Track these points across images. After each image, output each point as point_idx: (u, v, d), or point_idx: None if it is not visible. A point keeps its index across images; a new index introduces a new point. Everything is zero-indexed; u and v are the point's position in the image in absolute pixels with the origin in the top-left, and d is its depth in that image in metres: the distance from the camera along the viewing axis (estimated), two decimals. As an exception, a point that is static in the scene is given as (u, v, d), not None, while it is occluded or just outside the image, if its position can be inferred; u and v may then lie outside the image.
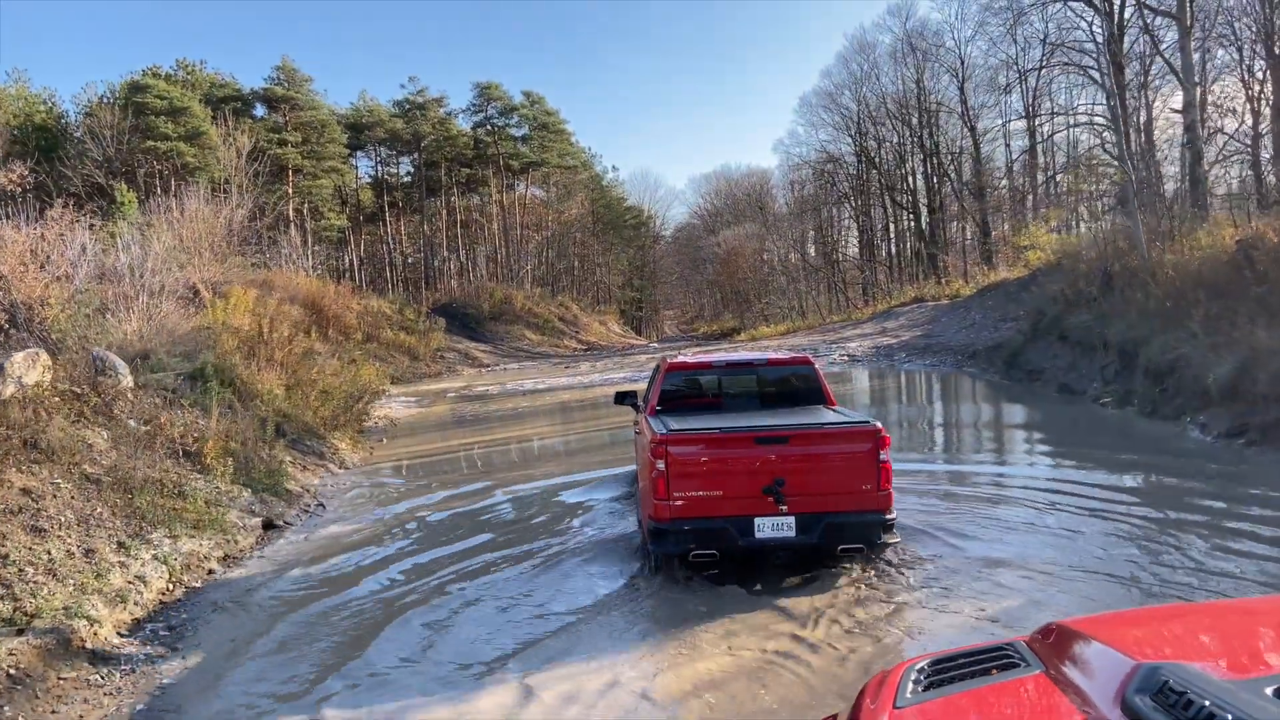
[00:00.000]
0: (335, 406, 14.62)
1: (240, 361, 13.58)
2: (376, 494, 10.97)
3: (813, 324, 48.48)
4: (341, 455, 13.44)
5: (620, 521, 8.67)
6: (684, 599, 6.38)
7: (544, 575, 7.15)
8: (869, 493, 6.37)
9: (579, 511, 9.32)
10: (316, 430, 13.61)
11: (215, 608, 6.75)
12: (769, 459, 6.35)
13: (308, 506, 10.10)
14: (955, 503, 8.79)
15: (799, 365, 8.37)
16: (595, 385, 25.07)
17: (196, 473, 9.20)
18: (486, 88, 60.12)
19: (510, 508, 9.81)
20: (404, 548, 8.32)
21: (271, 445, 11.19)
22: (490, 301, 48.28)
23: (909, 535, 7.51)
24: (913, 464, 10.72)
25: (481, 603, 6.58)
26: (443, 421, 18.80)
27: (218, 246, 33.59)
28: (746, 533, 6.30)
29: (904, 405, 17.19)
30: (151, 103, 43.25)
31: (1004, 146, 51.81)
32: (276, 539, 8.75)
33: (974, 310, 28.26)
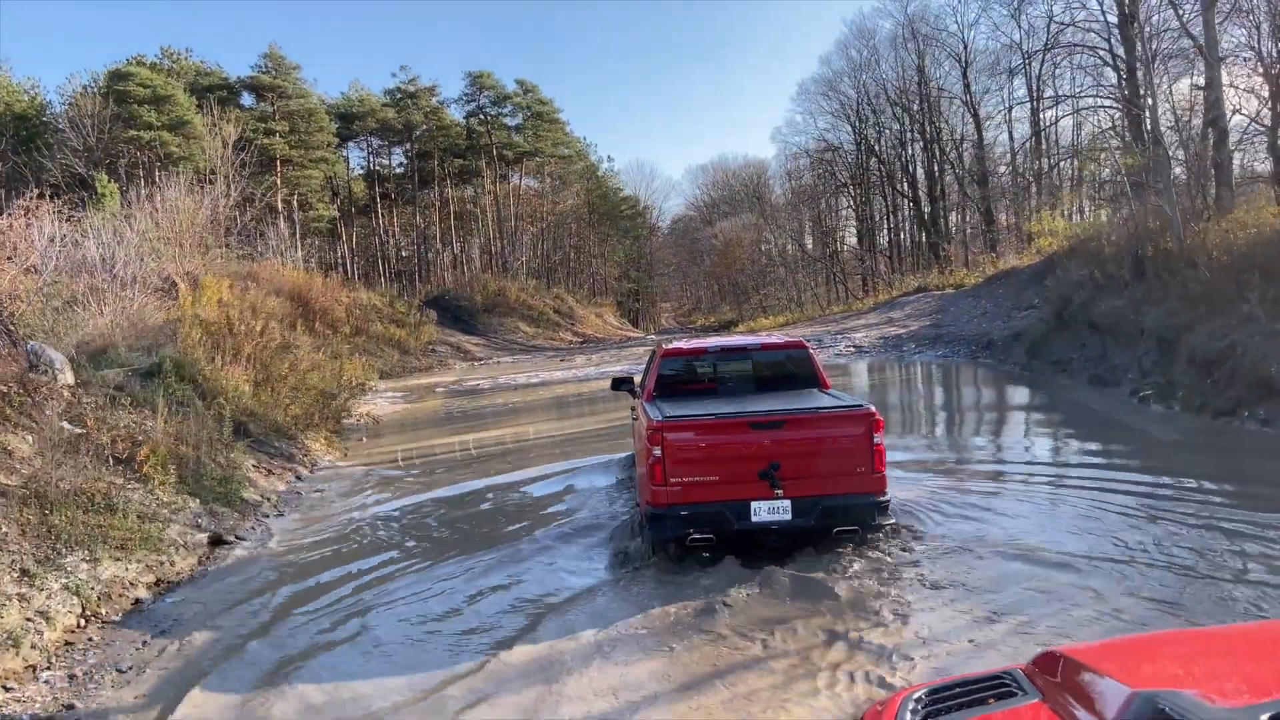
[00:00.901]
0: (308, 404, 13.51)
1: (203, 356, 12.45)
2: (345, 501, 9.85)
3: (812, 315, 47.42)
4: (314, 457, 12.34)
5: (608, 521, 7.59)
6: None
7: (542, 624, 5.80)
8: (863, 475, 6.41)
9: (569, 528, 8.20)
10: (286, 430, 12.50)
11: (134, 649, 5.65)
12: (764, 444, 6.38)
13: (266, 516, 8.99)
14: (993, 513, 7.69)
15: (793, 349, 8.41)
16: (591, 379, 23.98)
17: (136, 482, 8.09)
18: (479, 76, 58.86)
19: (492, 516, 8.71)
20: (363, 568, 7.22)
21: (229, 448, 10.07)
22: (483, 293, 47.10)
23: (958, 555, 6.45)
24: (943, 470, 9.62)
25: (437, 638, 5.49)
26: (428, 419, 17.69)
27: (200, 238, 32.44)
28: (743, 517, 6.34)
29: (924, 400, 16.04)
30: (134, 91, 41.98)
31: (1007, 134, 50.74)
32: (224, 557, 7.65)
33: (984, 299, 27.20)
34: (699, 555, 6.63)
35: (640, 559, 6.82)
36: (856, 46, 55.10)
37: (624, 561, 6.87)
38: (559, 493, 9.56)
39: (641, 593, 6.21)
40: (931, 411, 14.74)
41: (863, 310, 38.58)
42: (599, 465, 10.78)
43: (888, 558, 6.54)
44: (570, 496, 9.35)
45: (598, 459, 11.14)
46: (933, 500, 8.09)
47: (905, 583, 6.02)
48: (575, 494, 9.45)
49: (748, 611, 5.66)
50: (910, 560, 6.47)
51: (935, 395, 17.02)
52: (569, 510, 8.73)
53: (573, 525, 8.13)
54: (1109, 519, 7.18)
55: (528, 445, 13.42)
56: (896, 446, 10.98)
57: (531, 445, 13.40)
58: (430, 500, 9.69)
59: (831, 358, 23.32)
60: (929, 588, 5.88)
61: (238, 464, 10.17)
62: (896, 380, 19.30)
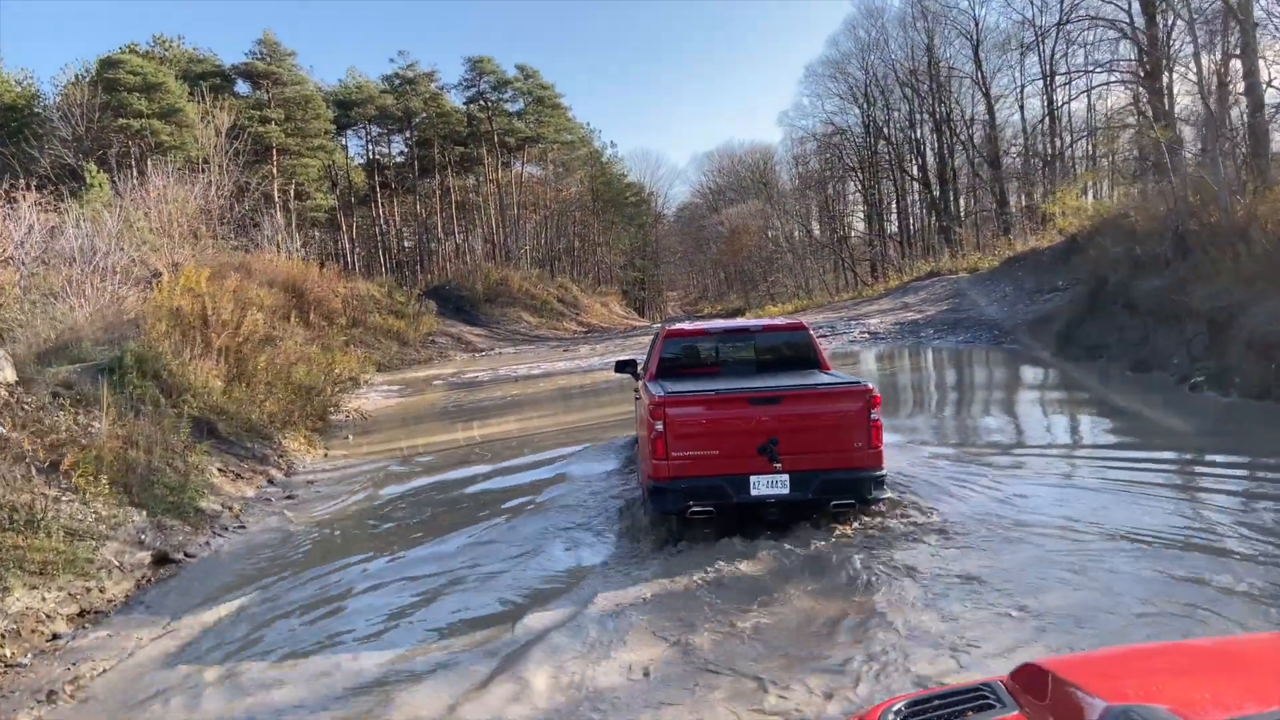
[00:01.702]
0: (286, 400, 12.53)
1: (169, 349, 11.47)
2: (315, 509, 8.87)
3: (821, 302, 46.34)
4: (290, 458, 11.36)
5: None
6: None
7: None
8: (861, 450, 6.52)
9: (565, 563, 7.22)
10: (261, 429, 11.53)
11: (35, 701, 4.68)
12: (763, 419, 6.52)
13: (224, 529, 8.01)
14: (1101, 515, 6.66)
15: (794, 331, 8.56)
16: (595, 369, 22.97)
17: (71, 493, 7.12)
18: (479, 62, 57.69)
19: (476, 535, 7.71)
20: (325, 593, 6.24)
21: (187, 451, 9.09)
22: (485, 283, 46.05)
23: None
24: (985, 472, 8.58)
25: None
26: (421, 414, 16.71)
27: (191, 227, 31.53)
28: (742, 490, 6.49)
29: (955, 388, 14.91)
30: (124, 79, 40.94)
31: (1019, 114, 49.38)
32: (167, 579, 6.68)
33: (1003, 282, 26.08)
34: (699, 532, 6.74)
35: (642, 534, 6.98)
36: (865, 26, 53.79)
37: (631, 537, 7.00)
38: (549, 498, 8.56)
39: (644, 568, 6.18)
40: (965, 400, 13.62)
41: (874, 296, 37.48)
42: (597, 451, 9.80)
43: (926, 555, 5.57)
44: (564, 484, 8.40)
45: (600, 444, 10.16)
46: (999, 505, 7.05)
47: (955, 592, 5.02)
48: (569, 482, 8.50)
49: (746, 585, 5.68)
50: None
51: (965, 383, 15.87)
52: (567, 509, 7.75)
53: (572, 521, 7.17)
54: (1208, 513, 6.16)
55: (525, 441, 12.42)
56: (936, 439, 9.96)
57: (528, 441, 12.40)
58: (409, 508, 8.71)
59: (845, 345, 22.27)
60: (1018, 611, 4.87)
61: (200, 468, 9.20)
62: (919, 367, 18.22)
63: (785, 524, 6.71)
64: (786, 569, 5.94)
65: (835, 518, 6.76)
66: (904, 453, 9.09)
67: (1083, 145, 45.69)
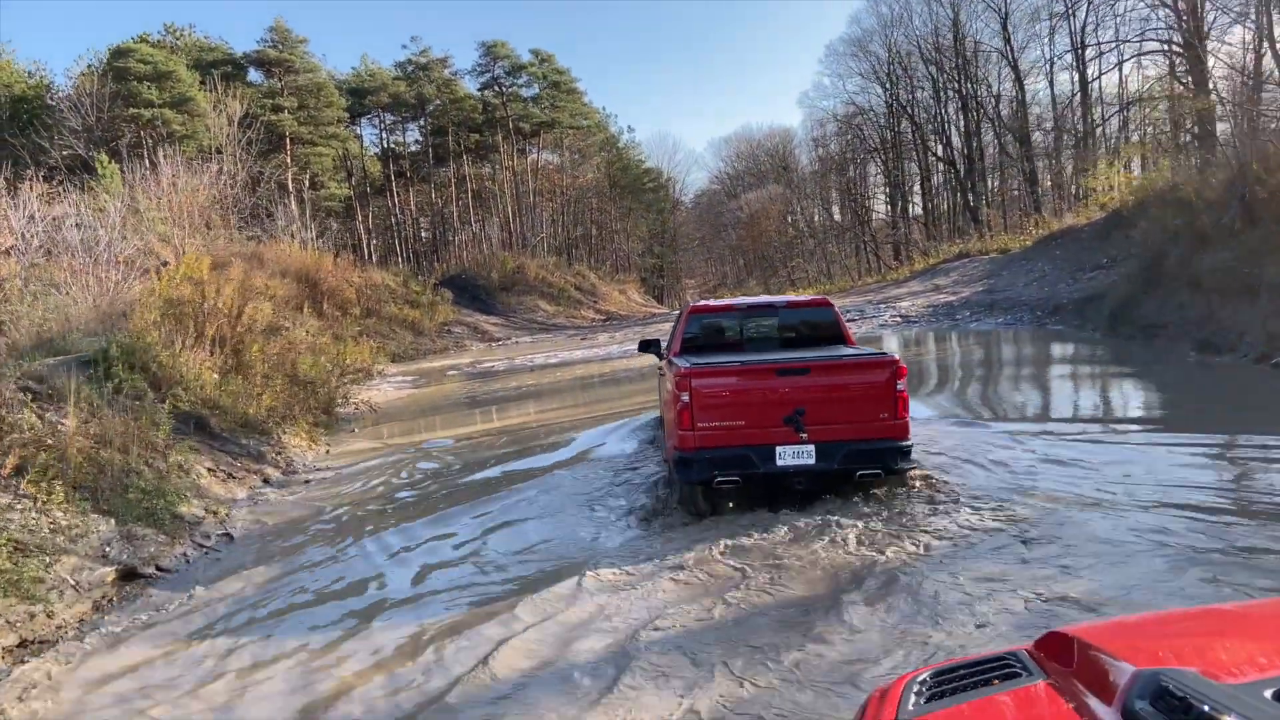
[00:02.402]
0: (284, 393, 11.73)
1: (159, 340, 10.69)
2: (312, 516, 8.05)
3: (844, 286, 45.26)
4: (289, 455, 10.56)
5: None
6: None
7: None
8: (886, 421, 6.50)
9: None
10: (258, 424, 10.74)
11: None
12: (789, 390, 6.51)
13: (205, 538, 7.21)
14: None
15: (818, 307, 8.59)
16: (613, 358, 22.11)
17: (28, 500, 6.33)
18: (492, 46, 56.76)
19: (481, 544, 6.86)
20: (307, 622, 5.41)
21: (168, 450, 8.29)
22: (501, 271, 45.22)
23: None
24: (1071, 452, 7.64)
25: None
26: (431, 405, 15.89)
27: (203, 216, 30.96)
28: (768, 460, 6.47)
29: (1006, 373, 13.73)
30: (134, 68, 40.38)
31: (1048, 89, 47.86)
32: (133, 598, 5.88)
33: (1039, 261, 24.95)
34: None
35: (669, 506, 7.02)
36: (888, 1, 52.26)
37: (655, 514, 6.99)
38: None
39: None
40: (1016, 385, 12.52)
41: (901, 279, 36.36)
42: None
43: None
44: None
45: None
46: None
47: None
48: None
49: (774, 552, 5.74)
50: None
51: (1017, 367, 14.66)
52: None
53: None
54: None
55: (537, 433, 11.57)
56: (1002, 418, 9.00)
57: (541, 434, 11.55)
58: (403, 514, 7.87)
59: (876, 329, 21.27)
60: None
61: (186, 468, 8.40)
62: (962, 350, 17.11)
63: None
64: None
65: (862, 488, 6.76)
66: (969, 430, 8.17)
67: (1115, 121, 44.30)
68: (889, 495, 6.76)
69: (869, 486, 6.78)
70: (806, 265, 63.23)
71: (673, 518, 6.83)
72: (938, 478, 7.16)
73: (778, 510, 6.58)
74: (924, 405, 10.65)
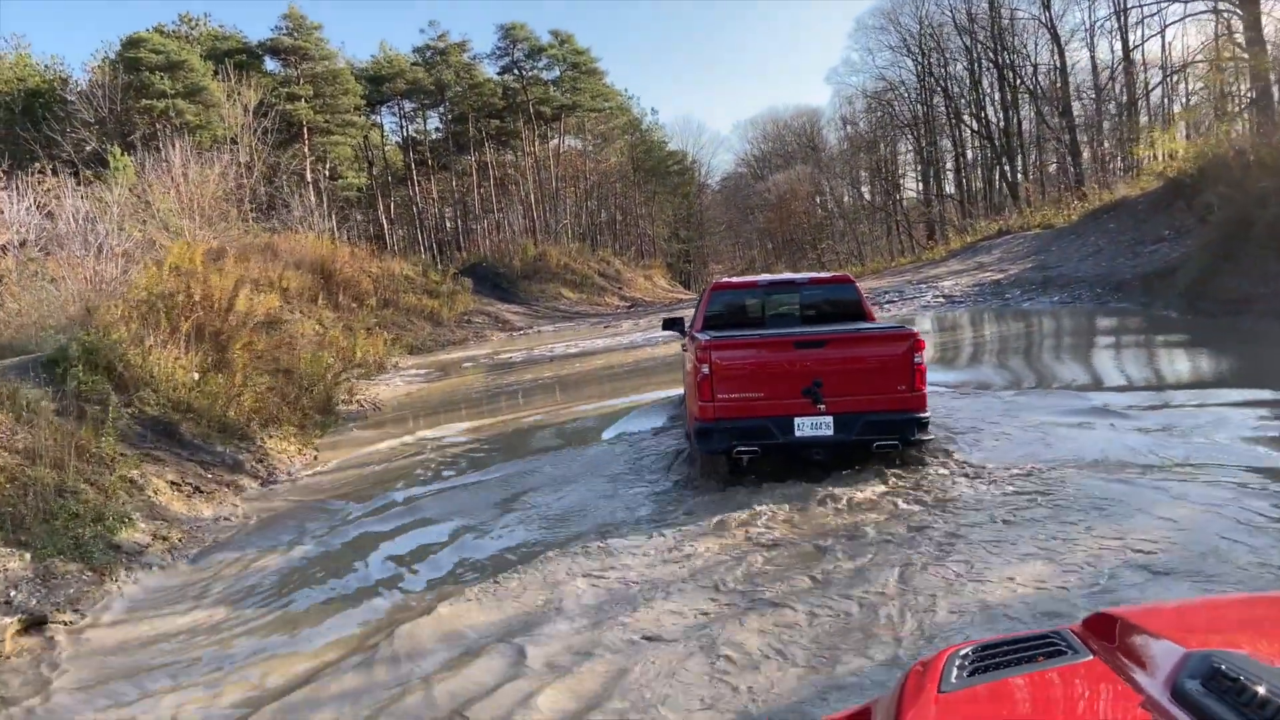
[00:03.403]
0: (271, 393, 10.62)
1: (129, 337, 9.61)
2: (284, 539, 6.91)
3: (877, 268, 43.61)
4: (271, 462, 9.45)
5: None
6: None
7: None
8: (904, 393, 6.55)
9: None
10: (238, 427, 9.63)
11: None
12: (807, 362, 6.58)
13: (147, 568, 6.08)
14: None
15: (840, 284, 8.62)
16: (637, 346, 20.87)
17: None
18: (511, 29, 55.46)
19: (474, 572, 5.67)
20: (256, 693, 4.24)
21: (113, 463, 7.18)
22: (523, 259, 44.09)
23: None
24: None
25: None
26: (440, 402, 14.74)
27: (214, 208, 30.15)
28: (786, 431, 6.55)
29: (1086, 359, 12.11)
30: (146, 58, 39.64)
31: (1089, 57, 45.68)
32: (35, 655, 4.74)
33: (1091, 236, 23.32)
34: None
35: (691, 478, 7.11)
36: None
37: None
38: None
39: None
40: (1095, 373, 11.04)
41: (938, 259, 34.75)
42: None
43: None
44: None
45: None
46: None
47: None
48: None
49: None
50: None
51: (1093, 352, 12.80)
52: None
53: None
54: None
55: (553, 432, 10.37)
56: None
57: (557, 432, 10.35)
58: (390, 536, 6.71)
59: (918, 310, 19.83)
60: None
61: (141, 484, 7.30)
62: (1023, 333, 15.56)
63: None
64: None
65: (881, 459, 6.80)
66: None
67: (1159, 90, 42.24)
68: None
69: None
70: (837, 247, 61.60)
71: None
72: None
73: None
74: (1036, 404, 8.93)
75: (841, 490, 6.31)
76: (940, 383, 10.32)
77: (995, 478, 6.28)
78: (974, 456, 6.94)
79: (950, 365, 12.36)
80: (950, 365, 12.36)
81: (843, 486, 6.40)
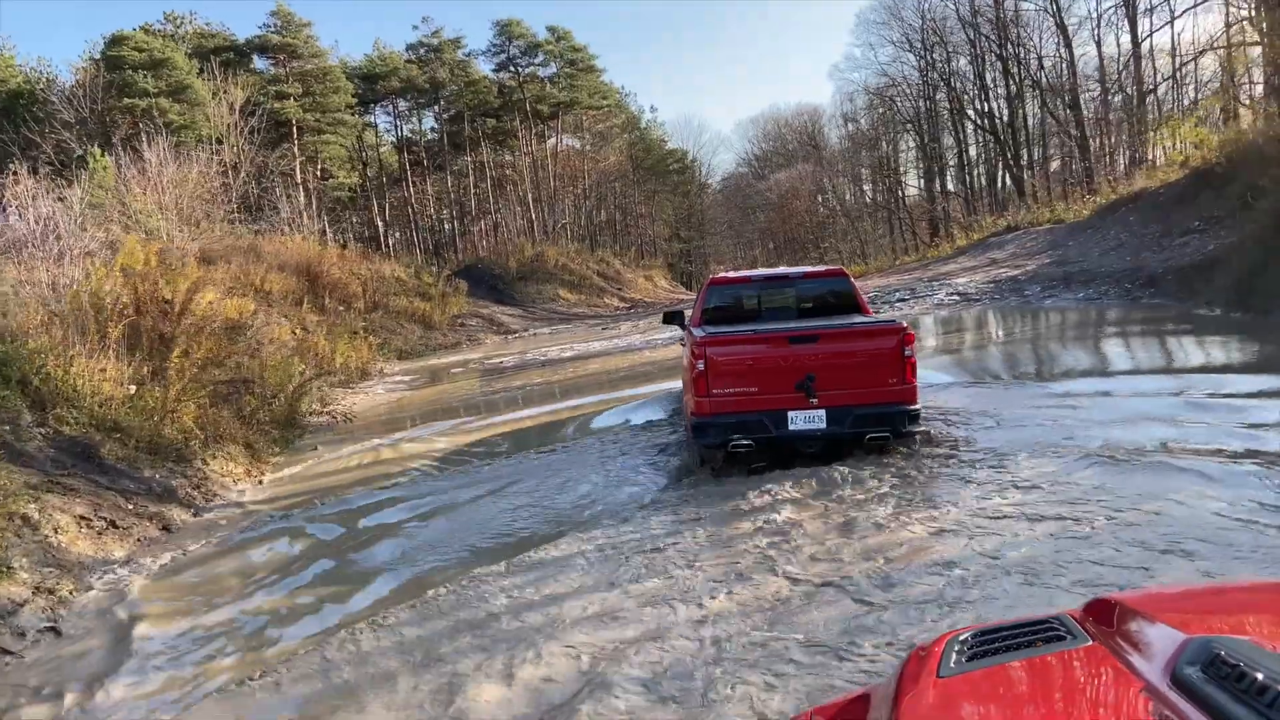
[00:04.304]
0: (209, 407, 9.45)
1: (51, 346, 8.46)
2: (200, 589, 5.76)
3: (881, 266, 42.50)
4: (210, 487, 8.29)
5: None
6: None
7: None
8: (895, 386, 6.66)
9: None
10: (173, 447, 8.47)
11: None
12: (801, 357, 6.72)
13: (20, 636, 4.92)
14: None
15: (835, 278, 8.83)
16: (636, 349, 19.75)
17: None
18: (507, 25, 54.39)
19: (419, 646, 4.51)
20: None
21: (11, 499, 6.02)
22: (519, 259, 42.90)
23: None
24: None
25: None
26: (421, 412, 13.57)
27: (192, 207, 29.07)
28: (781, 424, 6.69)
29: (1130, 366, 10.82)
30: (129, 56, 38.54)
31: (1095, 49, 44.46)
32: None
33: (1109, 230, 22.16)
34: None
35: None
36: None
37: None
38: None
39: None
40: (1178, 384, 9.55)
41: (945, 256, 33.64)
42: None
43: None
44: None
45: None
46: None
47: None
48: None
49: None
50: None
51: (1155, 356, 11.15)
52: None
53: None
54: None
55: (523, 465, 9.22)
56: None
57: (543, 450, 9.19)
58: (311, 610, 5.55)
59: (933, 309, 18.68)
60: None
61: (35, 522, 6.15)
62: (1054, 333, 14.35)
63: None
64: None
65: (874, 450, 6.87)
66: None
67: (1169, 82, 41.07)
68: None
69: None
70: (839, 245, 60.51)
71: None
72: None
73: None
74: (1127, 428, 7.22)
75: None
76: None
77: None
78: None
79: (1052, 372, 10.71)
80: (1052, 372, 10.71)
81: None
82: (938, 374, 10.51)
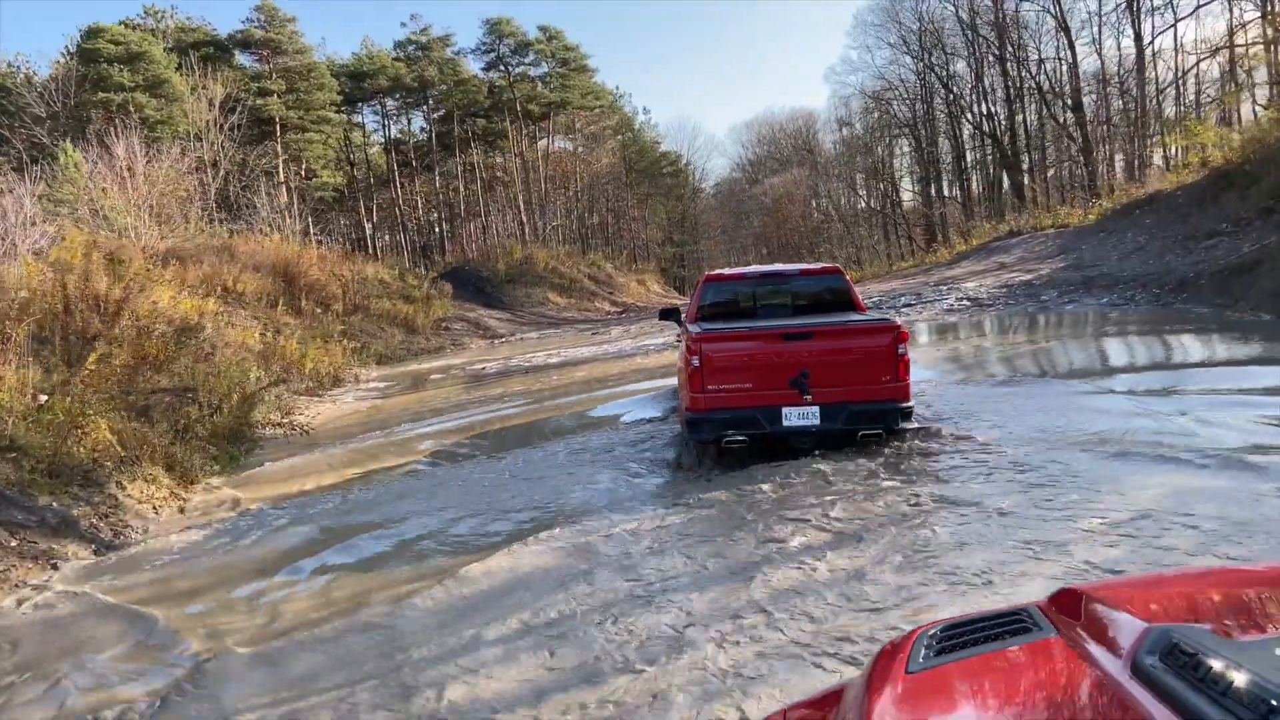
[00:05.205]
0: (130, 421, 8.21)
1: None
2: (73, 651, 4.54)
3: (878, 272, 41.52)
4: (123, 516, 7.05)
5: None
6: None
7: None
8: (888, 383, 6.72)
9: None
10: (80, 469, 7.24)
11: None
12: (794, 354, 6.79)
13: None
14: None
15: (829, 275, 8.82)
16: (626, 355, 18.58)
17: None
18: (497, 23, 53.23)
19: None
20: None
21: None
22: (507, 261, 41.63)
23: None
24: None
25: None
26: (387, 424, 12.31)
27: (166, 205, 27.85)
28: (775, 421, 6.74)
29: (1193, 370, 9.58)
30: (105, 49, 37.23)
31: (1095, 53, 43.58)
32: None
33: (1126, 232, 21.13)
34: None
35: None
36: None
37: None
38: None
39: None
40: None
41: (946, 261, 32.59)
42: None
43: None
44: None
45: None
46: None
47: None
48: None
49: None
50: None
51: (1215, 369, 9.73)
52: None
53: None
54: None
55: (509, 475, 8.01)
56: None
57: (517, 479, 7.98)
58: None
59: (942, 315, 17.54)
60: None
61: None
62: (1098, 340, 13.08)
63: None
64: None
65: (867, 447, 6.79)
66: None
67: (1176, 83, 40.17)
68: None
69: None
70: (834, 251, 59.56)
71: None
72: None
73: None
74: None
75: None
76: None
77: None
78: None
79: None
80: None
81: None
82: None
